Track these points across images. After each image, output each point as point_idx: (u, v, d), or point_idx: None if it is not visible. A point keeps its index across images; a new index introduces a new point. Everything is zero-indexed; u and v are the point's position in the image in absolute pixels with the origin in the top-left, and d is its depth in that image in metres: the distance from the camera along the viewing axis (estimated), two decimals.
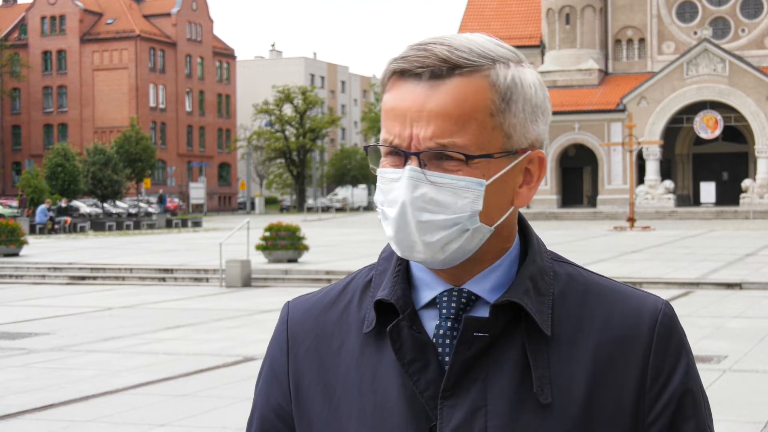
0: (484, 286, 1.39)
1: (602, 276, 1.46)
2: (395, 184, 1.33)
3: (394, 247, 1.37)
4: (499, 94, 1.33)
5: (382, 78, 1.38)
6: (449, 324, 1.38)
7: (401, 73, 1.34)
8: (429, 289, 1.41)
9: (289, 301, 1.54)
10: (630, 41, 65.38)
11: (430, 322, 1.40)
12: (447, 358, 1.36)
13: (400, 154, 1.34)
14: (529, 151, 1.38)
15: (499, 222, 1.37)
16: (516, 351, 1.36)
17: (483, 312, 1.38)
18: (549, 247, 1.49)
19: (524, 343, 1.36)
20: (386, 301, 1.39)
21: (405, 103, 1.33)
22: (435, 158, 1.32)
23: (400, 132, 1.33)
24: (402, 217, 1.33)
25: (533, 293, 1.38)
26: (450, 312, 1.38)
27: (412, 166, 1.32)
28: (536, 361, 1.35)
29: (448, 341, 1.37)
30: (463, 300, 1.38)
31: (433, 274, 1.41)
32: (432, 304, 1.40)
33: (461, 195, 1.32)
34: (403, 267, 1.42)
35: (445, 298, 1.39)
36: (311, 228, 39.63)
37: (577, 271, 1.44)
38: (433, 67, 1.32)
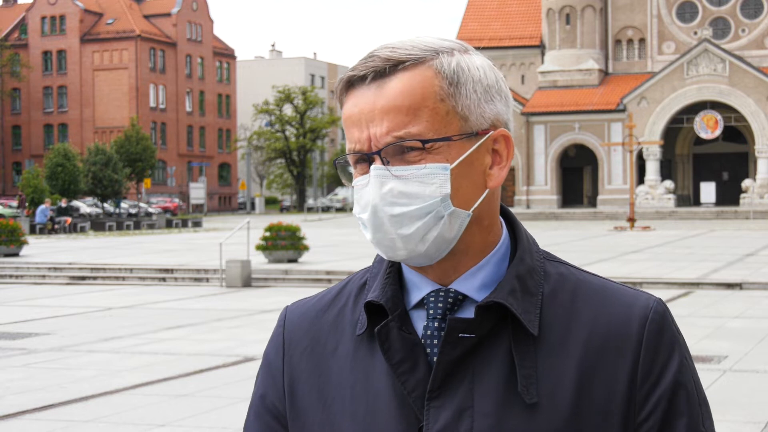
0: (472, 284, 1.39)
1: (595, 275, 1.46)
2: (365, 189, 1.36)
3: (377, 249, 1.39)
4: (446, 79, 1.36)
5: (336, 95, 1.42)
6: (436, 324, 1.38)
7: (350, 83, 1.38)
8: (417, 290, 1.41)
9: (287, 306, 1.56)
10: (630, 41, 65.39)
11: (420, 323, 1.40)
12: (435, 359, 1.36)
13: (367, 161, 1.36)
14: (491, 132, 1.39)
15: (476, 205, 1.37)
16: (503, 351, 1.36)
17: (470, 312, 1.38)
18: (549, 248, 1.49)
19: (510, 343, 1.36)
20: (376, 302, 1.40)
21: (357, 107, 1.36)
22: (397, 153, 1.34)
23: (359, 137, 1.36)
24: (375, 216, 1.35)
25: (520, 293, 1.38)
26: (437, 312, 1.38)
27: (375, 165, 1.35)
28: (522, 361, 1.35)
29: (435, 341, 1.37)
30: (450, 300, 1.39)
31: (421, 275, 1.41)
32: (421, 305, 1.41)
33: (428, 182, 1.34)
34: (395, 269, 1.43)
35: (432, 299, 1.39)
36: (311, 228, 39.63)
37: (569, 271, 1.44)
38: (377, 68, 1.35)
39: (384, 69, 1.35)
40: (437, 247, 1.36)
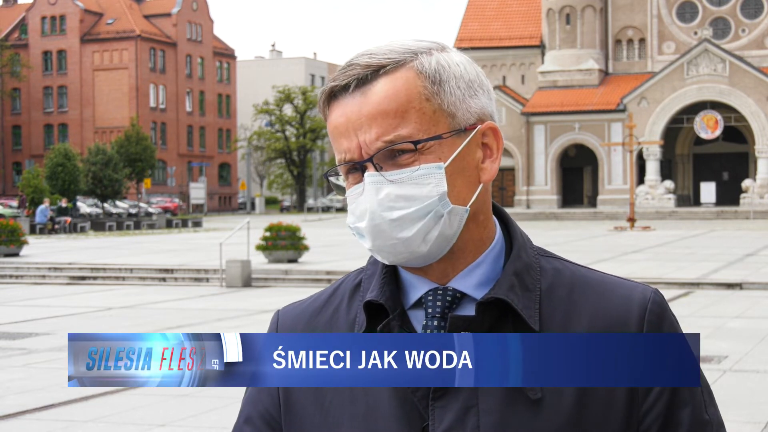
0: (470, 282, 1.39)
1: (591, 269, 1.46)
2: (361, 197, 1.35)
3: (377, 257, 1.39)
4: (429, 79, 1.36)
5: (319, 107, 1.41)
6: (436, 323, 1.38)
7: (332, 94, 1.37)
8: (415, 289, 1.41)
9: (278, 309, 1.55)
10: (630, 41, 65.38)
11: (418, 323, 1.40)
12: None
13: (359, 169, 1.36)
14: (479, 126, 1.39)
15: (472, 200, 1.37)
16: None
17: (470, 309, 1.38)
18: (549, 248, 1.50)
19: None
20: (375, 302, 1.40)
21: (343, 117, 1.36)
22: (389, 158, 1.34)
23: (349, 146, 1.35)
24: (373, 223, 1.34)
25: (519, 289, 1.38)
26: (436, 311, 1.38)
27: (369, 172, 1.34)
28: None
29: None
30: (448, 298, 1.39)
31: (418, 275, 1.41)
32: (419, 304, 1.41)
33: (423, 183, 1.34)
34: (391, 269, 1.43)
35: (430, 297, 1.39)
36: (311, 228, 39.62)
37: (564, 266, 1.45)
38: (358, 75, 1.35)
39: (366, 76, 1.34)
40: (438, 246, 1.36)
